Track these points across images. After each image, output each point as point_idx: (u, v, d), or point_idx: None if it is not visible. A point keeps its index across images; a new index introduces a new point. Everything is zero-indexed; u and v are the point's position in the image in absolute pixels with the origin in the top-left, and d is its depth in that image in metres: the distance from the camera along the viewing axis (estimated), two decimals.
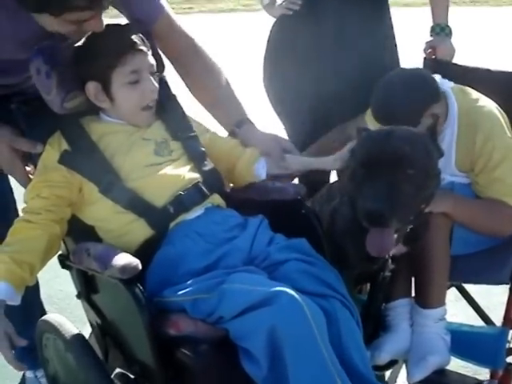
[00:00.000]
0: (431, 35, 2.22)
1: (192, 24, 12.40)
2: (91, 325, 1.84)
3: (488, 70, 2.12)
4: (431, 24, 2.23)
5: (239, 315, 1.42)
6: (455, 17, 2.21)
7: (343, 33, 2.24)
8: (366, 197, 1.43)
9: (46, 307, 2.39)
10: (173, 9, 1.92)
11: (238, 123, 1.91)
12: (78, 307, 2.10)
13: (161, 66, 1.88)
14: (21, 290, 1.60)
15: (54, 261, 1.75)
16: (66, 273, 1.80)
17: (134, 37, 1.70)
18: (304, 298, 1.41)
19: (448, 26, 2.20)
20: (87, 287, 1.71)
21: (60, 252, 1.77)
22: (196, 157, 1.77)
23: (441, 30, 2.19)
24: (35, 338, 1.84)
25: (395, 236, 1.49)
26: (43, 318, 1.86)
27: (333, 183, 2.05)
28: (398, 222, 1.45)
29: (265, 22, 2.42)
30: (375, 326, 1.82)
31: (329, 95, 2.26)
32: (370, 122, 1.93)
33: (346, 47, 2.25)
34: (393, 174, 1.44)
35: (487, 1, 12.23)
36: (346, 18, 2.23)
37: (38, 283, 2.20)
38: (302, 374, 1.36)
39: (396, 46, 2.36)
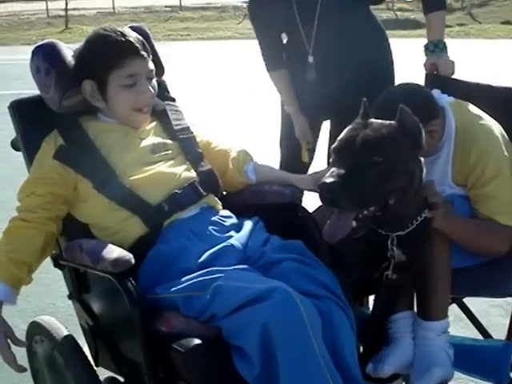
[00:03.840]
0: (425, 53, 2.23)
1: (189, 50, 12.48)
2: (82, 329, 1.82)
3: (489, 86, 2.11)
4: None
5: (233, 312, 1.40)
6: (449, 49, 2.19)
7: (345, 41, 2.19)
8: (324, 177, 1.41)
9: None
10: (170, 35, 1.95)
11: None
12: (70, 321, 2.08)
13: (160, 69, 1.90)
14: (18, 291, 1.60)
15: (46, 275, 1.73)
16: (57, 287, 1.78)
17: (135, 41, 1.71)
18: (298, 295, 1.39)
19: (441, 41, 2.19)
20: (79, 286, 1.70)
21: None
22: (192, 157, 1.77)
23: (434, 46, 2.20)
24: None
25: (353, 224, 1.45)
26: (34, 319, 1.84)
27: None
28: (350, 204, 1.41)
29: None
30: (378, 338, 1.79)
31: (330, 98, 2.22)
32: None
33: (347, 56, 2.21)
34: (356, 157, 1.43)
35: (481, 34, 12.43)
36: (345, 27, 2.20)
37: None
38: (293, 369, 1.34)
39: (392, 62, 2.36)
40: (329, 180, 1.38)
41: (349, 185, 1.39)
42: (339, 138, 1.51)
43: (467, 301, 2.12)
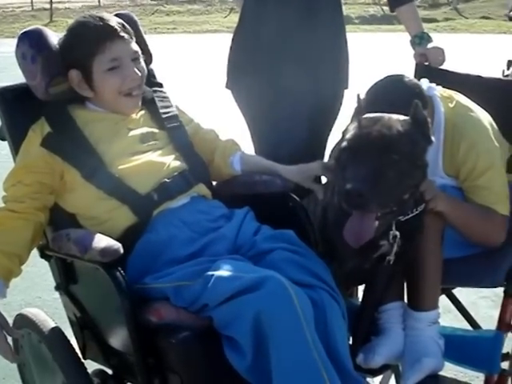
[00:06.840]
0: (413, 48, 2.22)
1: (175, 43, 12.43)
2: (70, 320, 1.79)
3: (479, 77, 2.12)
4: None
5: (224, 302, 1.38)
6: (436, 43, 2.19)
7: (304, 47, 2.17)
8: (347, 178, 1.40)
9: None
10: (156, 28, 1.90)
11: None
12: (56, 314, 2.05)
13: (148, 56, 1.86)
14: (8, 283, 1.57)
15: (31, 269, 1.70)
16: (43, 281, 1.74)
17: (114, 24, 1.68)
18: (291, 284, 1.37)
19: (425, 33, 2.19)
20: (66, 277, 1.66)
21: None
22: (182, 146, 1.75)
23: (420, 39, 2.20)
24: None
25: (376, 223, 1.44)
26: (20, 312, 1.81)
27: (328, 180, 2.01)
28: (378, 205, 1.41)
29: None
30: (369, 328, 1.77)
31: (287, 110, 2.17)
32: None
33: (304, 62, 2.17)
34: (377, 157, 1.42)
35: (468, 28, 12.50)
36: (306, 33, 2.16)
37: None
38: (285, 359, 1.32)
39: (348, 66, 2.29)
40: (356, 185, 1.37)
41: (376, 187, 1.39)
42: (350, 137, 1.49)
43: (456, 292, 2.12)
